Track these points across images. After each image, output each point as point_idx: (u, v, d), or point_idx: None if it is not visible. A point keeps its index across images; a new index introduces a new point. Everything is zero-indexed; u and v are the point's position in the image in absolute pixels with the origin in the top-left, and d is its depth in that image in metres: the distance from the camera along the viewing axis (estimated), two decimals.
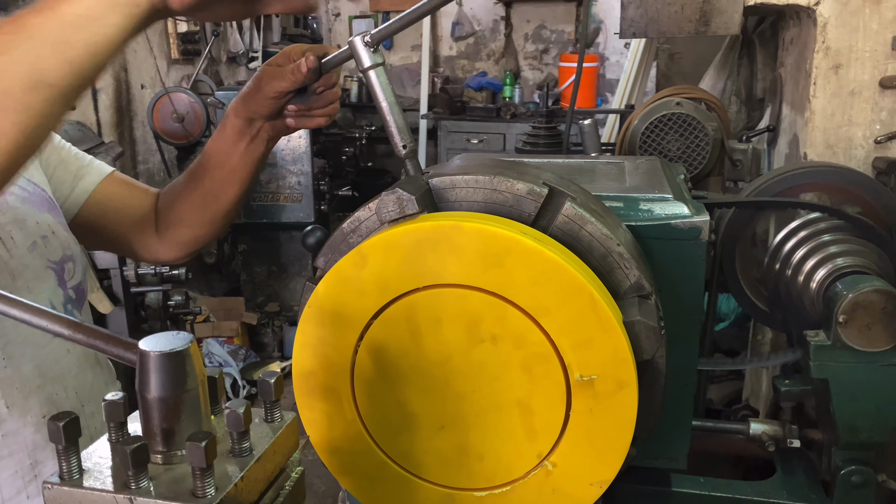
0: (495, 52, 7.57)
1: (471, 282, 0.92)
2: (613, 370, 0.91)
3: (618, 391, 0.91)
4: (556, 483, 0.96)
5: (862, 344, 1.29)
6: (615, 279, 1.00)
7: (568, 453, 0.94)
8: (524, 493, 0.97)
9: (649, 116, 2.06)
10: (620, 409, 0.92)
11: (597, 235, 0.99)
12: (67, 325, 0.71)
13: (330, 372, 0.98)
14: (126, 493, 0.63)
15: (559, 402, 0.93)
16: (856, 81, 2.06)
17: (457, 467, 0.99)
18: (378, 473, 1.02)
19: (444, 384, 0.96)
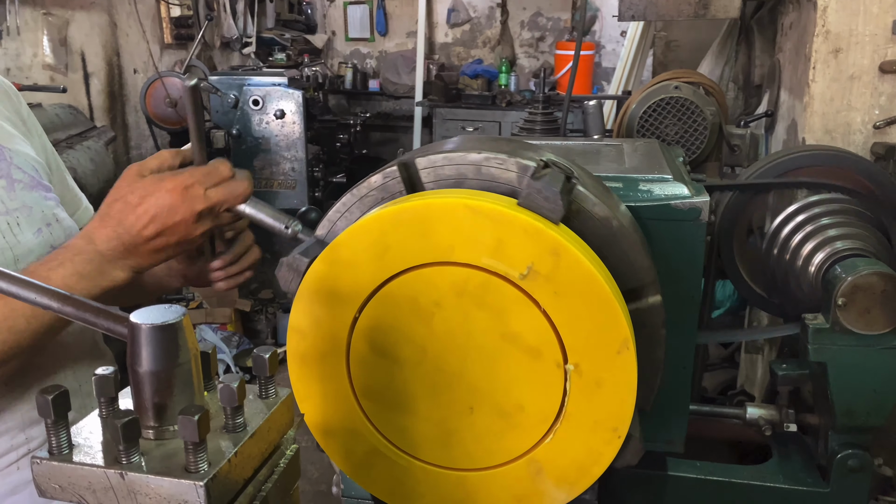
0: (491, 39, 7.53)
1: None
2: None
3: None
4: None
5: (860, 327, 1.28)
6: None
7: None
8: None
9: (647, 100, 2.04)
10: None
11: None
12: (57, 297, 0.69)
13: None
14: (117, 468, 0.62)
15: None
16: (855, 66, 2.05)
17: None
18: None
19: (440, 364, 0.95)
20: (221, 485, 0.63)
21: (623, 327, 0.88)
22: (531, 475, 0.95)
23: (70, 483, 0.63)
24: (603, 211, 0.98)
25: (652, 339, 1.01)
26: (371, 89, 7.57)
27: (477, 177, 0.99)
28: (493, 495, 0.99)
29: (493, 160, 0.98)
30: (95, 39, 5.07)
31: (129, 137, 5.47)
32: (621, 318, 0.88)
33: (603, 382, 0.90)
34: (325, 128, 5.93)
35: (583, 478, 0.94)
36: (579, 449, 0.93)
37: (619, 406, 0.90)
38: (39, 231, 1.34)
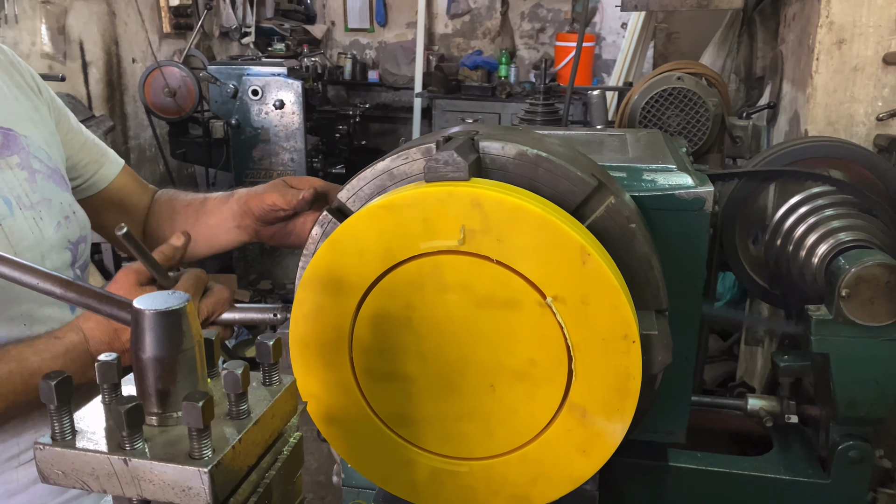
0: (491, 30, 7.50)
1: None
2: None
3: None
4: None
5: (864, 318, 1.28)
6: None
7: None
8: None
9: (650, 91, 2.03)
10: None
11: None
12: (59, 283, 0.69)
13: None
14: (120, 455, 0.62)
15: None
16: (859, 57, 2.04)
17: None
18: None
19: (444, 352, 0.95)
20: (225, 472, 0.63)
21: (572, 239, 0.87)
22: (580, 422, 0.93)
23: (73, 469, 0.63)
24: (514, 147, 0.97)
25: (624, 236, 0.98)
26: (370, 80, 7.55)
27: (391, 181, 1.01)
28: (541, 466, 0.96)
29: (400, 159, 1.00)
30: (94, 28, 5.05)
31: (127, 127, 5.45)
32: (566, 231, 0.87)
33: (587, 299, 0.88)
34: (325, 118, 5.92)
35: (626, 398, 0.91)
36: (606, 373, 0.90)
37: (615, 313, 0.88)
38: (59, 225, 1.35)
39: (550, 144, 1.04)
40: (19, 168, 1.30)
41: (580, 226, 0.93)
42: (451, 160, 0.92)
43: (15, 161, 1.30)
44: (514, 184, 0.97)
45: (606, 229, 0.97)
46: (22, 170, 1.31)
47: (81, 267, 1.46)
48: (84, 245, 1.44)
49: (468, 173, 0.92)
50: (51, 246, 1.32)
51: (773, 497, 1.44)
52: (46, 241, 1.31)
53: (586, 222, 0.96)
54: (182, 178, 6.10)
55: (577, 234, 0.88)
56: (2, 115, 1.34)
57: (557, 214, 0.90)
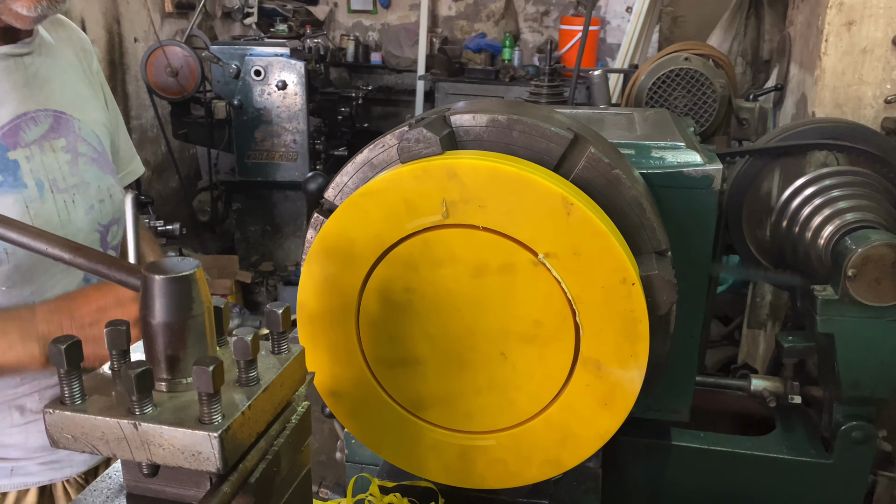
0: (495, 13, 7.44)
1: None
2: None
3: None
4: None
5: (870, 298, 1.28)
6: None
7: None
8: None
9: (657, 71, 2.02)
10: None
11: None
12: (68, 248, 0.69)
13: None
14: (130, 419, 0.61)
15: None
16: (868, 39, 2.02)
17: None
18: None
19: (450, 328, 0.95)
20: (235, 437, 0.62)
21: (553, 191, 0.87)
22: (596, 374, 0.92)
23: (83, 433, 0.63)
24: (485, 116, 0.97)
25: (610, 183, 0.97)
26: (373, 62, 7.49)
27: (373, 171, 1.01)
28: (566, 426, 0.95)
29: (377, 149, 1.00)
30: (95, 6, 5.01)
31: (129, 107, 5.43)
32: (546, 184, 0.87)
33: (578, 249, 0.88)
34: (327, 100, 5.89)
35: (637, 343, 0.90)
36: (612, 320, 0.90)
37: (608, 259, 0.88)
38: (91, 208, 1.39)
39: (526, 108, 1.04)
40: (63, 151, 1.35)
41: (560, 178, 0.93)
42: (422, 137, 0.92)
43: (61, 144, 1.35)
44: (490, 150, 0.97)
45: (591, 179, 0.96)
46: (66, 153, 1.36)
47: (115, 247, 1.49)
48: (117, 227, 1.47)
49: (441, 147, 0.91)
50: (78, 229, 1.35)
51: (776, 477, 1.45)
52: (73, 224, 1.34)
53: (570, 176, 0.96)
54: (184, 159, 6.08)
55: (558, 187, 0.87)
56: (60, 98, 1.39)
57: (535, 171, 0.90)
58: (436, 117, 0.98)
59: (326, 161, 5.59)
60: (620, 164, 1.01)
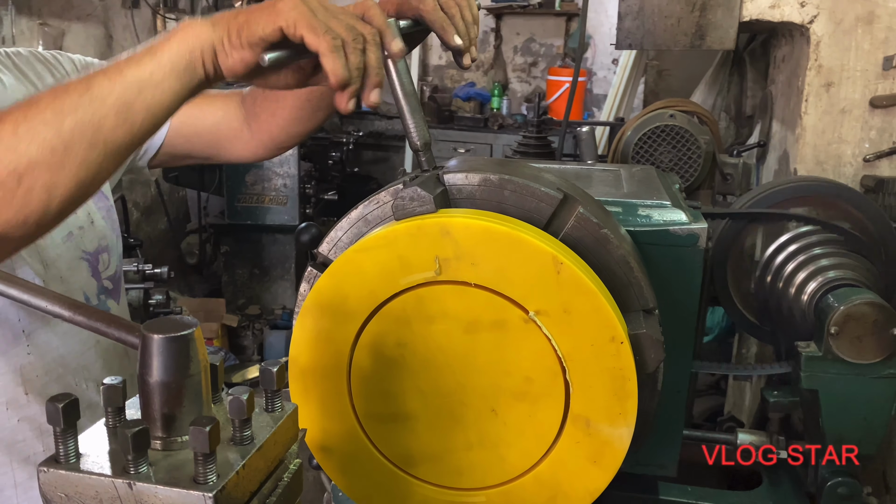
0: (484, 63, 7.60)
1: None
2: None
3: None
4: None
5: (853, 356, 1.30)
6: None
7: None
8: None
9: (643, 127, 2.07)
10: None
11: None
12: (68, 306, 0.70)
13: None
14: (125, 478, 0.62)
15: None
16: (847, 100, 2.09)
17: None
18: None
19: (441, 384, 0.96)
20: (229, 497, 0.63)
21: (543, 251, 0.89)
22: (585, 432, 0.93)
23: (77, 492, 0.63)
24: (478, 175, 0.99)
25: (598, 241, 0.98)
26: (364, 108, 7.58)
27: (367, 227, 1.02)
28: (556, 483, 0.96)
29: (372, 205, 1.02)
30: (91, 51, 5.07)
31: None
32: (536, 244, 0.89)
33: (568, 307, 0.90)
34: (318, 145, 5.95)
35: (626, 401, 0.91)
36: (601, 378, 0.91)
37: (598, 317, 0.90)
38: (70, 235, 1.32)
39: (516, 168, 1.07)
40: None
41: (550, 237, 0.95)
42: (417, 195, 0.94)
43: None
44: (483, 209, 0.99)
45: (580, 238, 0.99)
46: None
47: (111, 277, 1.41)
48: (107, 255, 1.40)
49: (434, 205, 0.94)
50: (56, 255, 1.29)
51: None
52: (48, 252, 1.28)
53: (560, 235, 0.99)
54: (173, 201, 6.10)
55: (548, 246, 0.90)
56: None
57: (526, 230, 0.92)
58: (430, 176, 1.00)
59: (316, 205, 5.63)
60: (608, 223, 1.04)
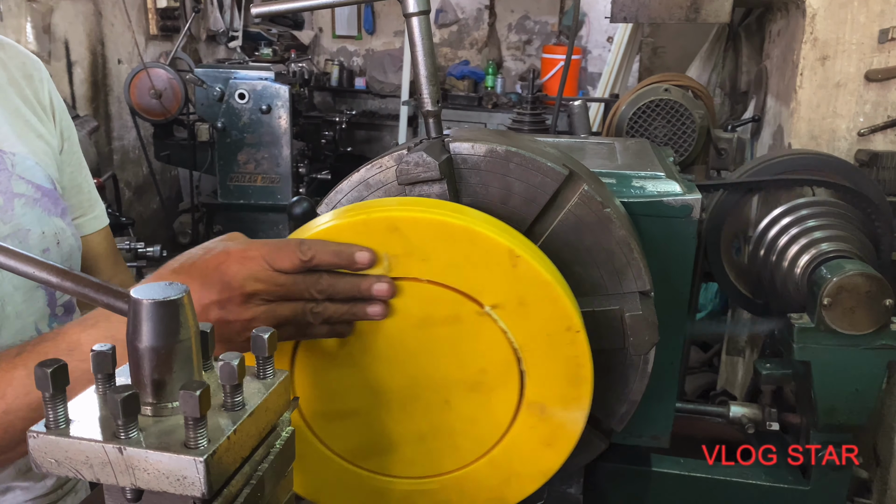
0: (478, 41, 7.55)
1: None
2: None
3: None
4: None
5: (845, 327, 1.30)
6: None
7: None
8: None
9: (637, 102, 2.06)
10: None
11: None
12: (55, 272, 0.69)
13: None
14: (115, 443, 0.61)
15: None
16: (842, 73, 2.09)
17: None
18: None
19: (392, 379, 0.95)
20: (220, 462, 0.63)
21: (499, 244, 0.87)
22: (539, 417, 0.93)
23: (67, 457, 0.62)
24: (484, 145, 0.98)
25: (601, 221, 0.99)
26: (357, 87, 7.56)
27: (368, 191, 1.02)
28: (510, 466, 0.96)
29: (374, 169, 1.01)
30: (80, 28, 5.02)
31: (111, 128, 5.42)
32: (491, 238, 0.87)
33: (524, 299, 0.89)
34: (311, 124, 5.92)
35: (580, 387, 0.92)
36: (556, 366, 0.91)
37: (554, 308, 0.89)
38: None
39: (520, 140, 1.06)
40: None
41: (507, 229, 0.93)
42: (422, 161, 0.93)
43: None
44: (487, 181, 0.98)
45: (582, 216, 0.98)
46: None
47: (65, 303, 1.30)
48: None
49: (439, 173, 0.93)
50: (13, 287, 1.17)
51: (754, 503, 1.46)
52: (7, 282, 1.16)
53: (562, 211, 0.98)
54: (166, 181, 6.06)
55: (504, 239, 0.88)
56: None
57: (481, 223, 0.90)
58: (435, 142, 0.99)
59: (309, 185, 5.60)
60: (611, 203, 1.03)
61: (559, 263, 1.00)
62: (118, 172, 5.08)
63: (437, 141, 0.99)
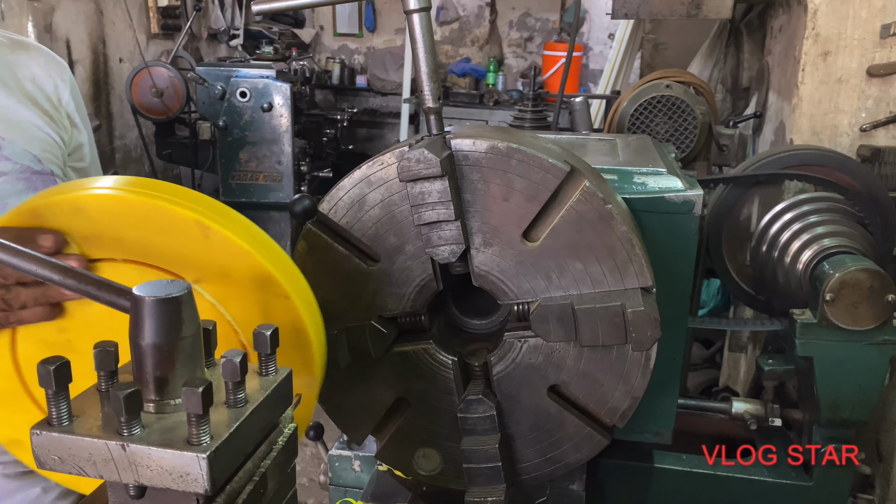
0: (479, 38, 7.54)
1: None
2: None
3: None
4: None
5: (848, 322, 1.30)
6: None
7: None
8: None
9: (639, 98, 2.06)
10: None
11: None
12: (58, 270, 0.69)
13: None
14: (118, 440, 0.61)
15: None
16: (843, 69, 2.08)
17: None
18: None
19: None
20: (223, 458, 0.63)
21: (185, 217, 0.84)
22: None
23: (70, 454, 0.62)
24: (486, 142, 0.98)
25: (602, 217, 0.98)
26: (358, 85, 7.55)
27: (369, 188, 1.03)
28: None
29: (375, 166, 1.02)
30: (81, 27, 5.02)
31: (113, 127, 5.42)
32: (177, 211, 0.83)
33: (226, 270, 0.86)
34: (312, 122, 5.91)
35: (303, 351, 0.91)
36: None
37: (258, 275, 0.86)
38: None
39: (522, 137, 1.06)
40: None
41: (200, 199, 0.88)
42: (423, 157, 0.93)
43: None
44: (488, 178, 0.98)
45: (584, 213, 0.99)
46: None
47: None
48: None
49: (440, 169, 0.93)
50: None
51: (756, 499, 1.46)
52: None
53: (564, 208, 0.98)
54: (167, 179, 6.06)
55: (191, 211, 0.84)
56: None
57: (169, 195, 0.85)
58: (436, 138, 0.99)
59: (311, 183, 5.60)
60: (613, 199, 1.03)
61: (560, 260, 0.99)
62: (120, 171, 5.09)
63: (439, 138, 1.00)
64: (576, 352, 1.05)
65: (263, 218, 5.48)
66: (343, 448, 1.42)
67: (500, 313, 1.16)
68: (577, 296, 1.02)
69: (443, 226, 0.99)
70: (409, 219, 1.02)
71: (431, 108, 1.01)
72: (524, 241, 1.02)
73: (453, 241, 1.00)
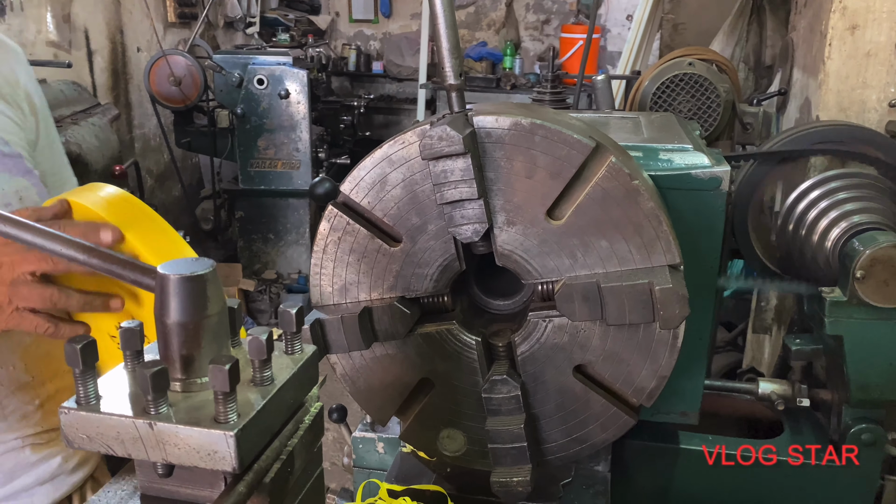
0: (496, 21, 7.47)
1: None
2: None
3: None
4: None
5: (878, 300, 1.28)
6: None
7: None
8: None
9: (661, 76, 2.02)
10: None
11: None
12: (82, 249, 0.69)
13: None
14: (146, 419, 0.61)
15: None
16: (872, 43, 2.03)
17: None
18: None
19: None
20: (250, 436, 0.62)
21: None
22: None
23: (98, 433, 0.62)
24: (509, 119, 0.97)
25: (629, 194, 0.97)
26: (375, 71, 7.52)
27: (391, 167, 1.01)
28: None
29: (397, 145, 1.00)
30: (99, 17, 5.03)
31: (132, 116, 5.44)
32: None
33: None
34: (329, 109, 5.90)
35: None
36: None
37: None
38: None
39: (545, 113, 1.04)
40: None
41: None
42: (446, 135, 0.92)
43: None
44: (511, 155, 0.96)
45: (610, 189, 0.97)
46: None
47: None
48: None
49: (463, 147, 0.91)
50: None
51: (784, 480, 1.44)
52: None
53: (589, 184, 0.96)
54: (186, 168, 6.10)
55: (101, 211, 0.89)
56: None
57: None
58: (458, 116, 0.97)
59: (329, 169, 5.60)
60: (639, 175, 1.01)
61: (585, 238, 0.98)
62: (140, 160, 5.11)
63: (461, 115, 0.98)
64: (601, 331, 1.04)
65: (282, 205, 5.50)
66: (367, 430, 1.42)
67: (524, 293, 1.15)
68: (603, 274, 1.00)
69: (465, 204, 0.98)
70: (431, 198, 1.01)
71: (453, 84, 0.99)
72: (548, 220, 1.00)
73: (476, 219, 0.98)
